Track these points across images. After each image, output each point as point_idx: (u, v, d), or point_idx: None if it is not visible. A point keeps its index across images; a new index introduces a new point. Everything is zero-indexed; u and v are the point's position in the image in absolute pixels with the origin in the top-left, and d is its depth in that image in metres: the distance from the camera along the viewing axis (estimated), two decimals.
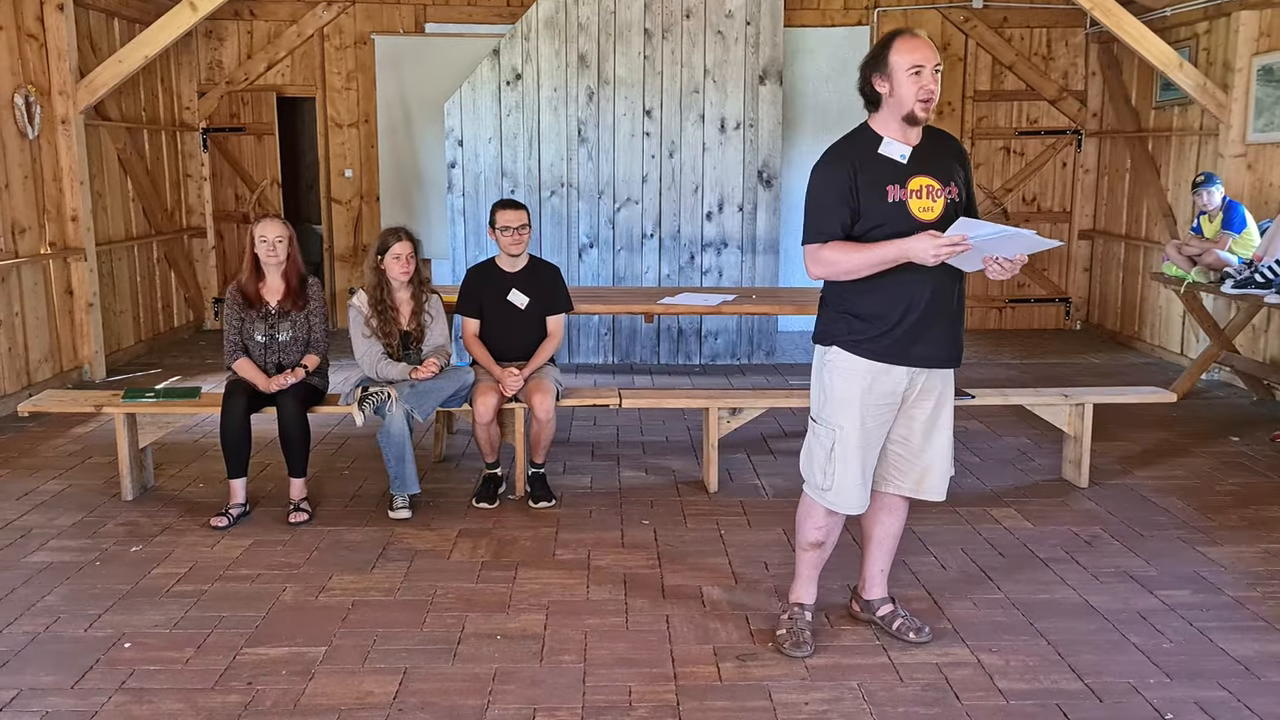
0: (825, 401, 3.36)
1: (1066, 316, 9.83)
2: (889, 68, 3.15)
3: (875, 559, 3.66)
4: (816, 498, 3.42)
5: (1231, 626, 3.67)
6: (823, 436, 3.36)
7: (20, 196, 6.84)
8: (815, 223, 3.25)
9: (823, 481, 3.37)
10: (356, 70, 9.32)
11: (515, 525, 4.67)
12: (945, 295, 3.26)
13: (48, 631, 3.63)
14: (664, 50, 7.84)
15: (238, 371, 4.77)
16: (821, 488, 3.39)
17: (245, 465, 4.73)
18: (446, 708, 3.14)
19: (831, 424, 3.34)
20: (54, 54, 7.11)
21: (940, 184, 3.20)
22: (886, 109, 3.20)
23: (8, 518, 4.74)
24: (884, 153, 3.19)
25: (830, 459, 3.34)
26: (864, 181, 3.17)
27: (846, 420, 3.31)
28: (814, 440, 3.41)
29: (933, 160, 3.22)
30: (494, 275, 5.18)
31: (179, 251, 9.25)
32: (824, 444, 3.36)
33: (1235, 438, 6.05)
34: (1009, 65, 9.42)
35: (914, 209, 3.16)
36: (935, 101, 3.16)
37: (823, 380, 3.37)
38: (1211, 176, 6.67)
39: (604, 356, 8.21)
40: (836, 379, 3.32)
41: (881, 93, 3.19)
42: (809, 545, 3.52)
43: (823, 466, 3.36)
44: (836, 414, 3.32)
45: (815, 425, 3.41)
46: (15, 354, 6.72)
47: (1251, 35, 7.24)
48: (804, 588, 3.59)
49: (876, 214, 3.17)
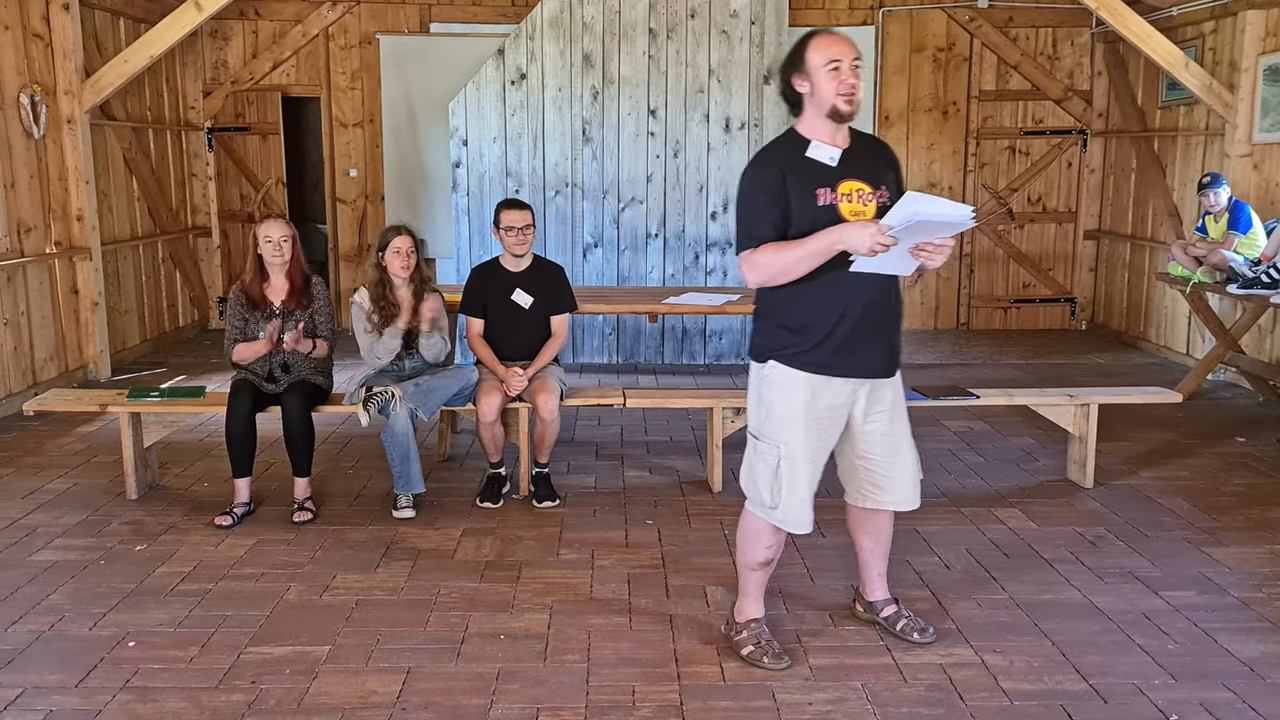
0: (766, 418, 3.27)
1: (1071, 317, 9.81)
2: (806, 66, 3.14)
3: (872, 564, 3.63)
4: (763, 515, 3.33)
5: (1237, 628, 3.66)
6: (766, 454, 3.27)
7: (26, 196, 6.85)
8: (747, 228, 3.17)
9: (769, 500, 3.28)
10: (361, 70, 9.33)
11: (519, 525, 4.67)
12: (880, 301, 3.20)
13: (52, 630, 3.64)
14: (669, 50, 7.83)
15: (238, 357, 4.77)
16: (769, 506, 3.29)
17: (250, 465, 4.74)
18: (450, 707, 3.14)
19: (774, 441, 3.25)
20: (59, 53, 7.12)
21: (871, 187, 3.15)
22: (810, 109, 3.18)
23: (13, 516, 4.75)
24: (812, 155, 3.15)
25: (776, 477, 3.25)
26: (793, 184, 3.11)
27: (790, 437, 3.22)
28: (757, 458, 3.31)
29: (862, 164, 3.18)
30: (498, 275, 5.18)
31: (184, 251, 9.27)
32: (768, 462, 3.26)
33: (1241, 438, 6.04)
34: (1014, 65, 9.40)
35: (845, 213, 3.11)
36: (858, 96, 3.11)
37: (762, 396, 3.29)
38: (1218, 177, 6.66)
39: (608, 356, 8.21)
40: (777, 395, 3.23)
41: (802, 93, 3.16)
42: (759, 565, 3.43)
43: (769, 485, 3.27)
44: (778, 431, 3.24)
45: (757, 442, 3.31)
46: (21, 353, 6.74)
47: (1258, 35, 7.22)
48: (755, 605, 3.49)
49: (807, 218, 3.10)
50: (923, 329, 9.71)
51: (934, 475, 5.35)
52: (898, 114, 9.47)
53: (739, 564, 3.51)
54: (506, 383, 4.89)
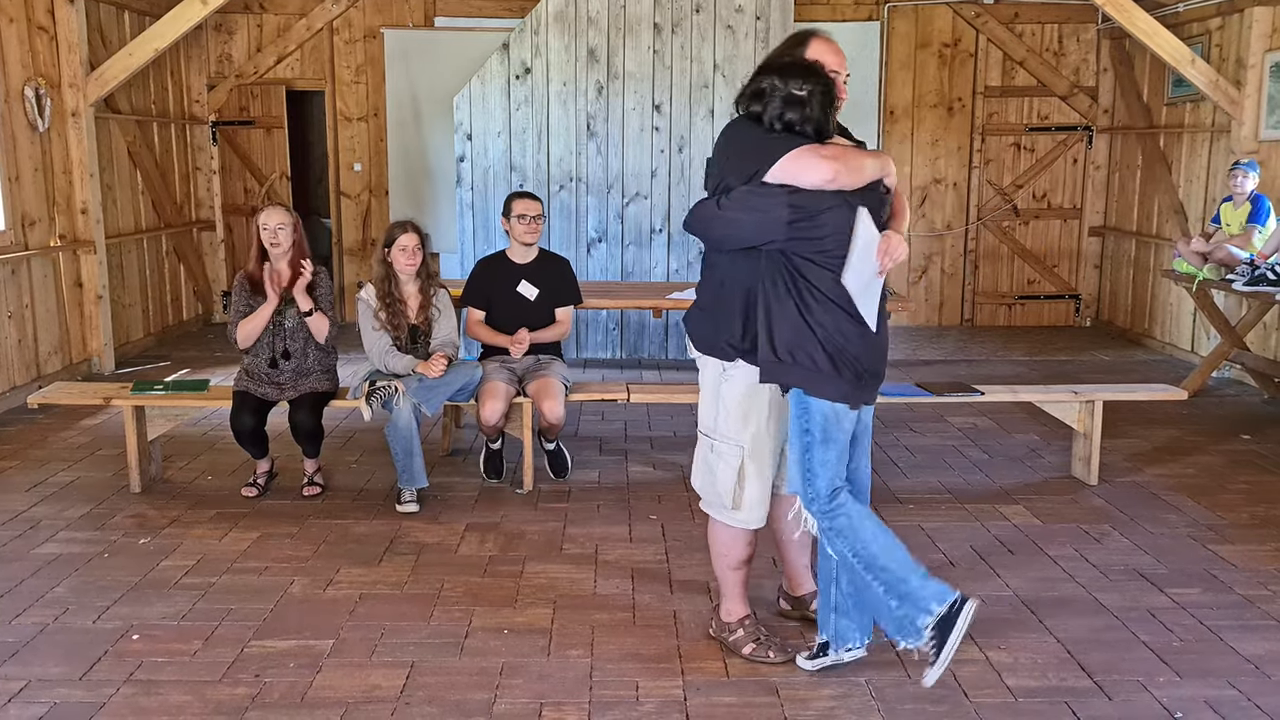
0: (726, 417, 3.22)
1: (1076, 313, 9.79)
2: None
3: (799, 555, 3.61)
4: (724, 519, 3.30)
5: (1242, 625, 3.65)
6: (728, 456, 3.23)
7: (30, 189, 6.85)
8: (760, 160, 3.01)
9: (730, 502, 3.26)
10: (366, 64, 9.32)
11: (523, 519, 4.67)
12: None
13: (56, 623, 3.64)
14: (674, 45, 7.82)
15: (242, 333, 4.77)
16: (730, 508, 3.27)
17: (265, 451, 4.96)
18: (454, 701, 3.14)
19: (736, 441, 3.21)
20: (64, 47, 7.12)
21: None
22: None
23: (17, 509, 4.75)
24: None
25: (739, 478, 3.22)
26: None
27: (754, 436, 3.20)
28: (716, 460, 3.27)
29: None
30: (503, 267, 5.18)
31: (188, 245, 9.27)
32: (730, 464, 3.22)
33: (1246, 436, 6.02)
34: (1020, 61, 9.38)
35: None
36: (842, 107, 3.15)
37: (722, 394, 3.22)
38: (1253, 161, 6.64)
39: (612, 351, 8.20)
40: (741, 393, 3.19)
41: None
42: (740, 564, 3.40)
43: (730, 487, 3.24)
44: (741, 431, 3.20)
45: (715, 444, 3.26)
46: (25, 346, 6.74)
47: (1265, 31, 7.20)
48: (742, 603, 3.46)
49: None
50: (927, 325, 9.70)
51: (938, 471, 5.35)
52: (903, 109, 9.45)
53: (717, 567, 3.45)
54: (511, 349, 5.01)
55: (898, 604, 3.01)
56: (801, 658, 3.31)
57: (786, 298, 3.03)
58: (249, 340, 4.79)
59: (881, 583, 3.03)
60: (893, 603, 3.02)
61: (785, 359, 3.04)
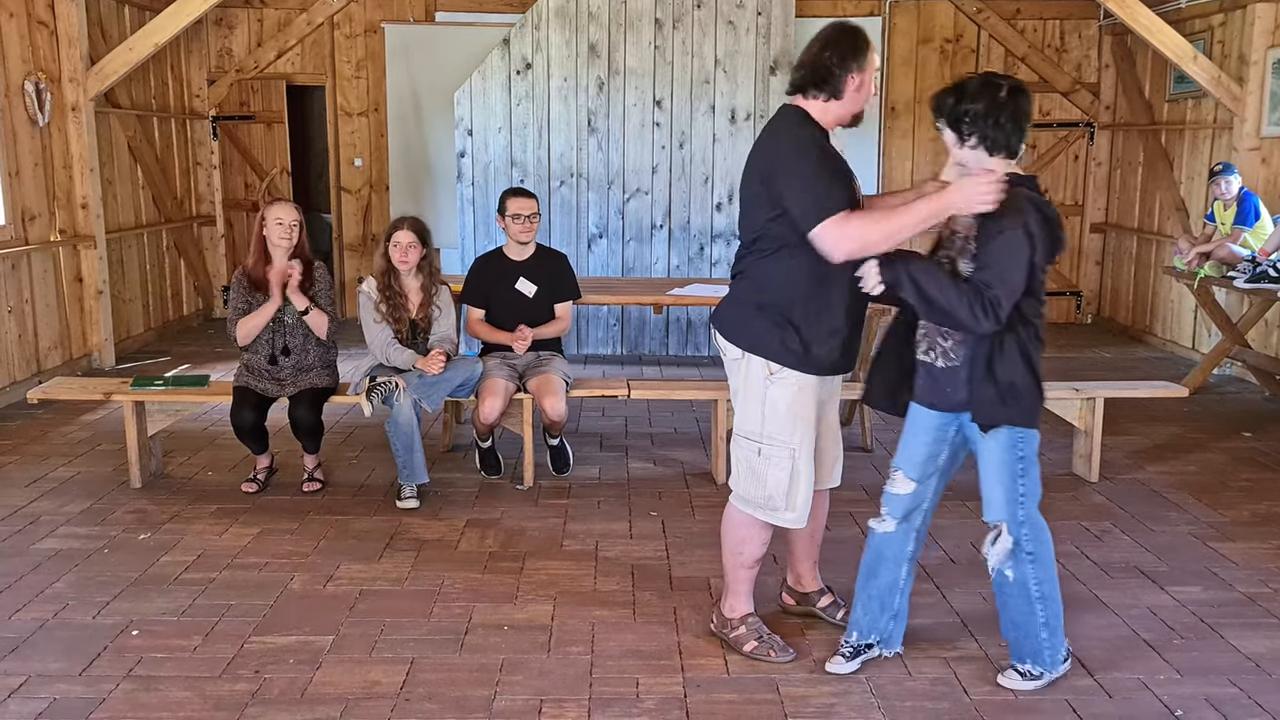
0: (774, 420, 3.19)
1: (1077, 310, 9.79)
2: (866, 65, 3.14)
3: (810, 553, 3.63)
4: (768, 518, 3.29)
5: (1243, 623, 3.65)
6: (778, 459, 3.20)
7: (30, 183, 6.84)
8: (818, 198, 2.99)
9: (784, 504, 3.24)
10: (366, 59, 9.30)
11: (523, 515, 4.66)
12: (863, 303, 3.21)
13: (56, 618, 3.64)
14: (675, 40, 7.80)
15: (243, 330, 4.77)
16: (781, 509, 3.25)
17: (265, 447, 4.96)
18: (454, 698, 3.14)
19: (788, 444, 3.19)
20: (64, 41, 7.11)
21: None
22: (837, 105, 3.14)
23: (16, 504, 4.75)
24: (835, 147, 3.16)
25: (793, 480, 3.21)
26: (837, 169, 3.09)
27: (804, 438, 3.20)
28: (763, 463, 3.22)
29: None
30: (501, 264, 5.17)
31: (188, 240, 9.26)
32: (783, 466, 3.20)
33: (1247, 433, 6.02)
34: (1021, 57, 9.36)
35: None
36: None
37: (769, 398, 3.19)
38: (1229, 166, 6.65)
39: (613, 347, 8.20)
40: (791, 396, 3.17)
41: (847, 87, 3.11)
42: (754, 562, 3.41)
43: (783, 489, 3.22)
44: (792, 434, 3.18)
45: (762, 448, 3.21)
46: (25, 341, 6.73)
47: (1267, 28, 7.19)
48: (747, 601, 3.46)
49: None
50: None
51: None
52: (904, 106, 9.43)
53: (730, 564, 3.43)
54: (514, 346, 5.00)
55: (1048, 636, 3.18)
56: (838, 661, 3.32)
57: (1008, 334, 2.96)
58: (249, 338, 4.79)
59: (1045, 614, 3.16)
60: (1043, 634, 3.17)
61: (1010, 401, 2.98)
